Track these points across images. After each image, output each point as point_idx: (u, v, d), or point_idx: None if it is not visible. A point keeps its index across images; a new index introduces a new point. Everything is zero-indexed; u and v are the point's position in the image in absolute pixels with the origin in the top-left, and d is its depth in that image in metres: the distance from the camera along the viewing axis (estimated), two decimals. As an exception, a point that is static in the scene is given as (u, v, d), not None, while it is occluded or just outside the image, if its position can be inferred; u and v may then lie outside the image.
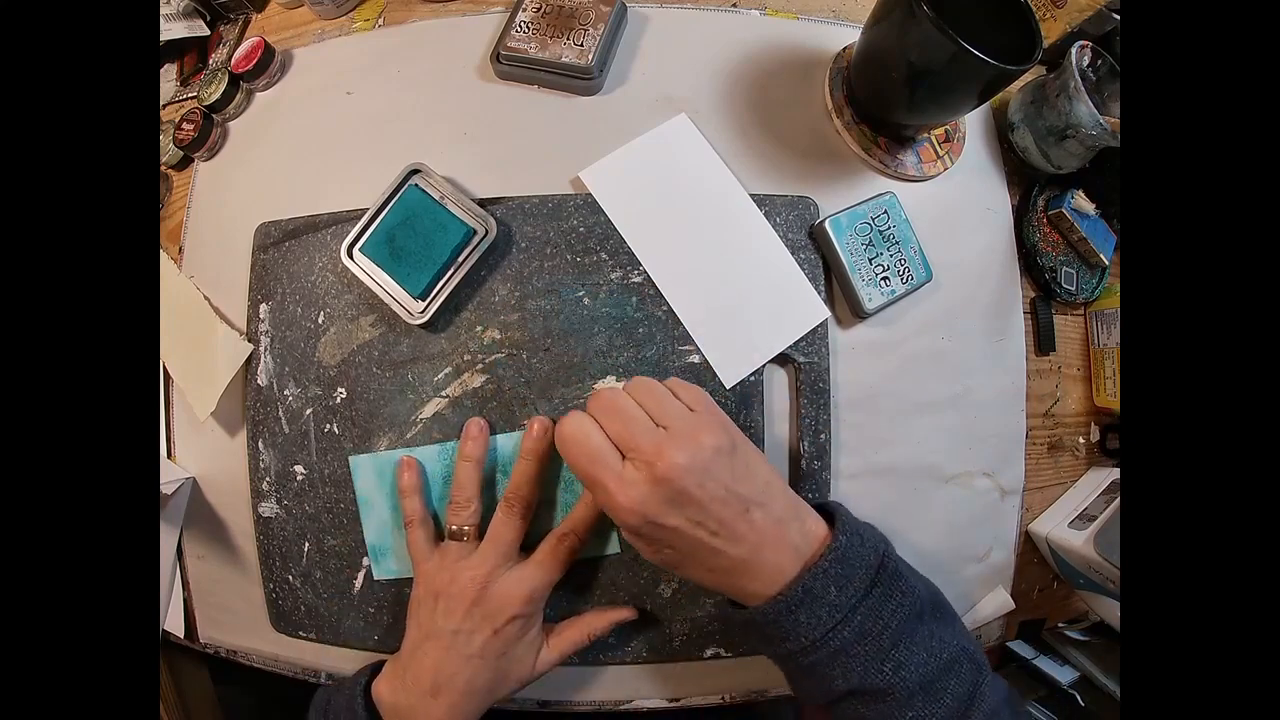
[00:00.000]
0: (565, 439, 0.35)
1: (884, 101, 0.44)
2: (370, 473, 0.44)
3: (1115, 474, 0.48)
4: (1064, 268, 0.49)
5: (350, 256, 0.44)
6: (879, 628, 0.32)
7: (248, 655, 0.50)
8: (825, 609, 0.32)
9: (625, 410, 0.34)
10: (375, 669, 0.41)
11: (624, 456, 0.33)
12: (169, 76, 0.57)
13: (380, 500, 0.44)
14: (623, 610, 0.43)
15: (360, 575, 0.45)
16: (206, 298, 0.49)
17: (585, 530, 0.40)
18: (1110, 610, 0.45)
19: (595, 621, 0.42)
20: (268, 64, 0.51)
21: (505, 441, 0.43)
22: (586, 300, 0.44)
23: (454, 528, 0.40)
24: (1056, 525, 0.47)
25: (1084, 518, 0.45)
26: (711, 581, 0.35)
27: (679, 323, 0.44)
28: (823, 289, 0.45)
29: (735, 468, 0.33)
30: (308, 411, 0.45)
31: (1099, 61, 0.46)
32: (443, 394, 0.44)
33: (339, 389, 0.45)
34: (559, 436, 0.35)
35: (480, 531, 0.40)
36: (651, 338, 0.44)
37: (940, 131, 0.49)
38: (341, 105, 0.50)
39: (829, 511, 0.37)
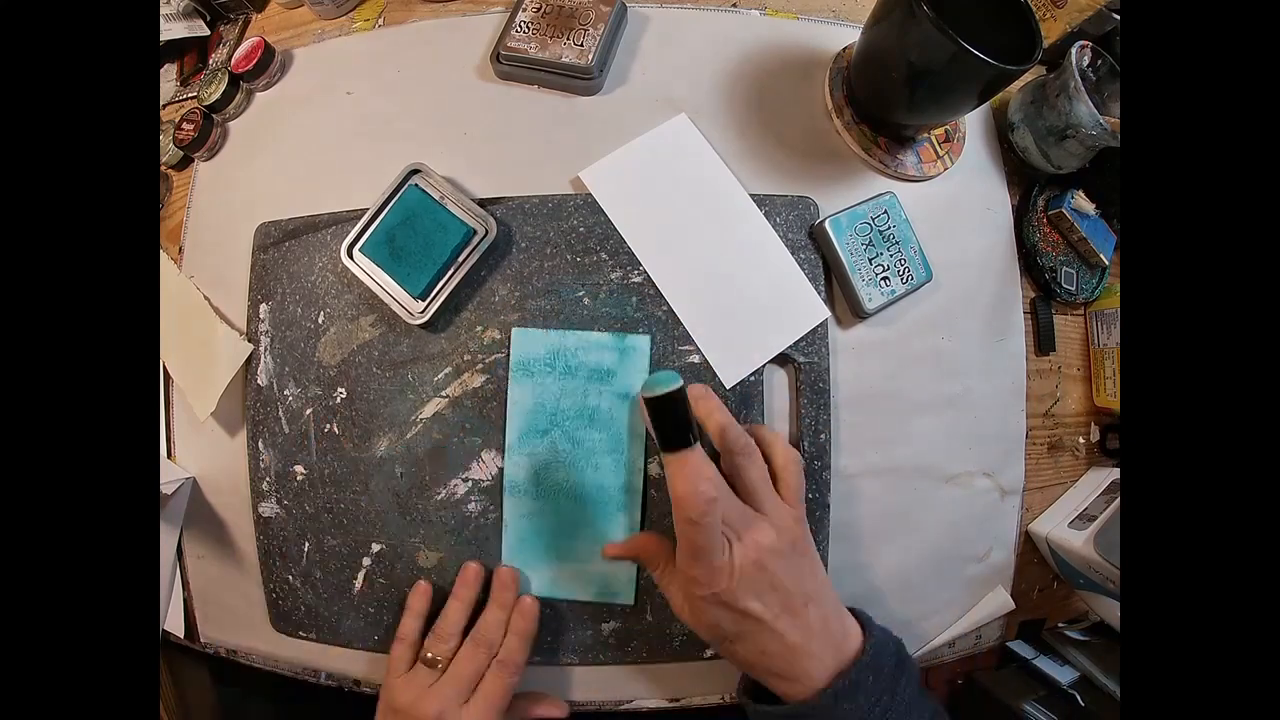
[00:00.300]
0: (702, 500, 0.34)
1: (884, 101, 0.44)
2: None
3: (1115, 474, 0.48)
4: (1064, 268, 0.49)
5: (350, 256, 0.44)
6: (901, 704, 0.35)
7: (248, 655, 0.50)
8: (864, 696, 0.34)
9: (714, 480, 0.35)
10: None
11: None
12: (169, 76, 0.57)
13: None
14: (555, 707, 0.44)
15: (360, 575, 0.45)
16: (206, 298, 0.49)
17: (521, 657, 0.41)
18: (1110, 610, 0.45)
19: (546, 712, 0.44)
20: (268, 64, 0.51)
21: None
22: (586, 300, 0.44)
23: (429, 655, 0.41)
24: (1056, 525, 0.47)
25: (1084, 518, 0.45)
26: (758, 662, 0.36)
27: (679, 322, 0.44)
28: (823, 289, 0.45)
29: (802, 563, 0.36)
30: (308, 411, 0.45)
31: (1099, 61, 0.46)
32: (443, 394, 0.44)
33: (339, 389, 0.45)
34: (694, 496, 0.33)
35: (450, 662, 0.41)
36: (652, 338, 0.44)
37: (940, 131, 0.49)
38: (341, 105, 0.50)
39: (855, 612, 0.39)
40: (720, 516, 0.34)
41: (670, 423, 0.34)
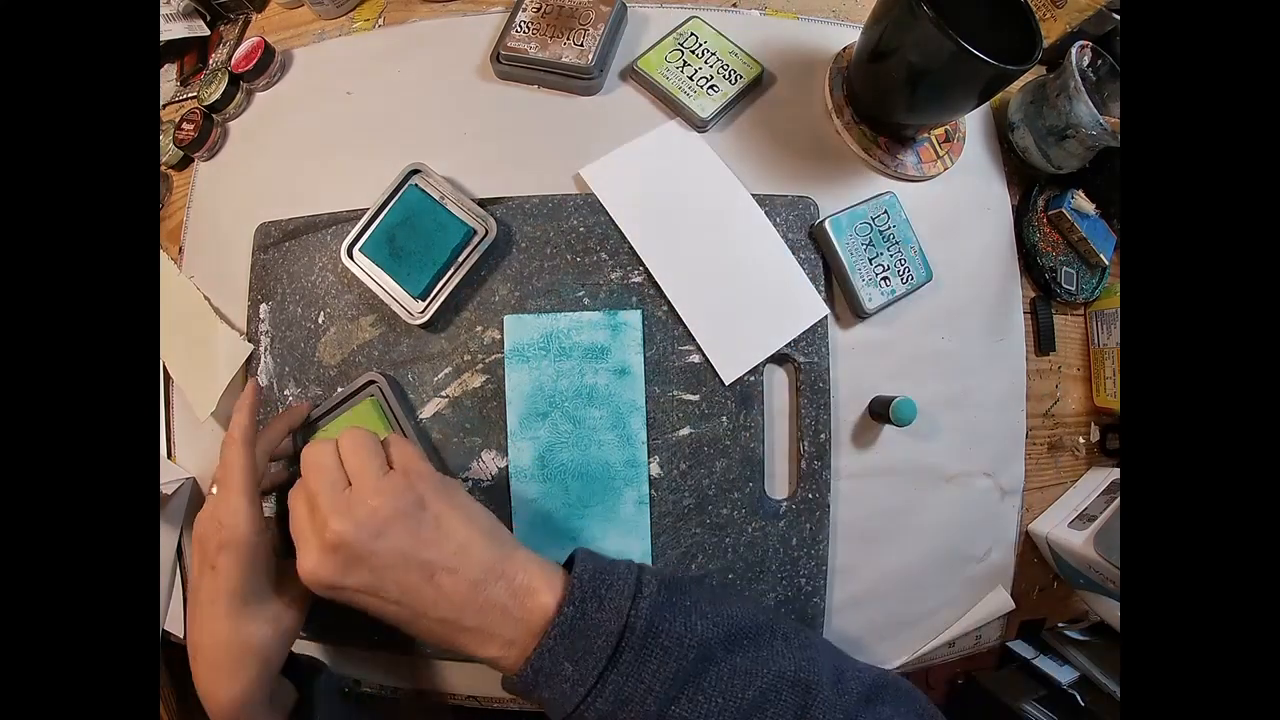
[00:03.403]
0: (289, 506, 0.34)
1: (884, 101, 0.44)
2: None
3: (1115, 474, 0.48)
4: (1064, 268, 0.49)
5: (350, 256, 0.44)
6: (642, 690, 0.30)
7: (248, 655, 0.50)
8: (567, 684, 0.30)
9: (320, 467, 0.33)
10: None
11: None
12: (169, 76, 0.57)
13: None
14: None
15: (360, 575, 0.45)
16: (206, 298, 0.49)
17: (247, 427, 0.38)
18: (1110, 610, 0.45)
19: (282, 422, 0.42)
20: (268, 64, 0.51)
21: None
22: (586, 300, 0.44)
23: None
24: (1056, 525, 0.47)
25: (1084, 518, 0.45)
26: (436, 643, 0.32)
27: (679, 322, 0.44)
28: (823, 289, 0.45)
29: (418, 531, 0.32)
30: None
31: (1099, 61, 0.46)
32: (442, 394, 0.44)
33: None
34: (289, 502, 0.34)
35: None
36: (651, 337, 0.44)
37: (940, 131, 0.49)
38: (341, 105, 0.50)
39: (570, 565, 0.34)
40: (296, 514, 0.33)
41: None
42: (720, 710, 0.30)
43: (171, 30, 0.54)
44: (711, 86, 0.46)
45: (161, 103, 0.55)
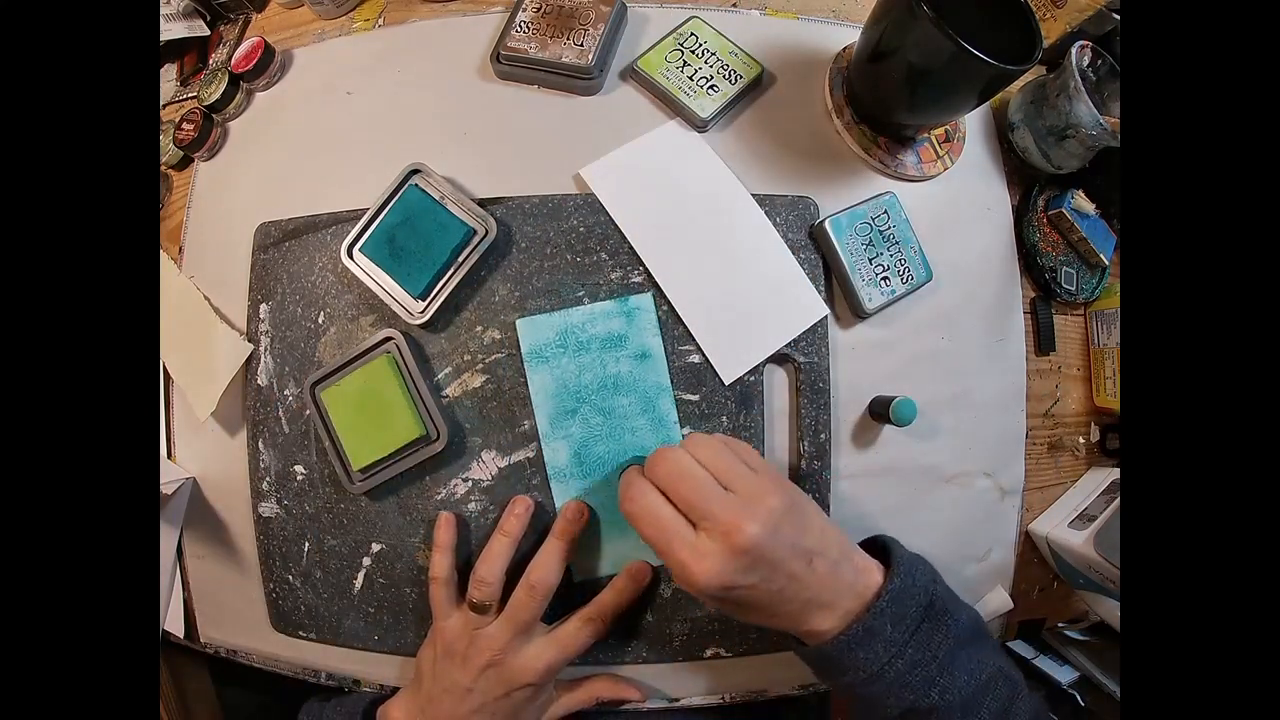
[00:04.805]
0: (636, 517, 0.35)
1: (884, 101, 0.44)
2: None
3: (1115, 474, 0.48)
4: (1064, 268, 0.49)
5: (350, 256, 0.44)
6: (928, 657, 0.35)
7: (248, 655, 0.50)
8: (881, 645, 0.34)
9: (692, 476, 0.34)
10: (377, 697, 0.43)
11: (695, 524, 0.34)
12: (169, 76, 0.57)
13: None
14: (634, 691, 0.44)
15: (360, 575, 0.45)
16: (206, 298, 0.49)
17: (612, 616, 0.41)
18: (1110, 610, 0.45)
19: (604, 691, 0.44)
20: (268, 64, 0.51)
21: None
22: (586, 300, 0.44)
23: (476, 600, 0.40)
24: (1056, 525, 0.47)
25: (1084, 518, 0.45)
26: (774, 625, 0.36)
27: (679, 322, 0.44)
28: (823, 289, 0.45)
29: (797, 522, 0.35)
30: (308, 411, 0.45)
31: (1099, 61, 0.46)
32: (442, 394, 0.44)
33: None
34: (629, 514, 0.35)
35: (501, 606, 0.40)
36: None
37: (940, 131, 0.49)
38: (341, 105, 0.50)
39: (882, 545, 0.39)
40: (668, 525, 0.34)
41: None
42: (964, 686, 0.35)
43: (171, 30, 0.54)
44: (711, 86, 0.46)
45: (161, 103, 0.55)
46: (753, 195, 0.45)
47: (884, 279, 0.45)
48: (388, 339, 0.43)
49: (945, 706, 0.34)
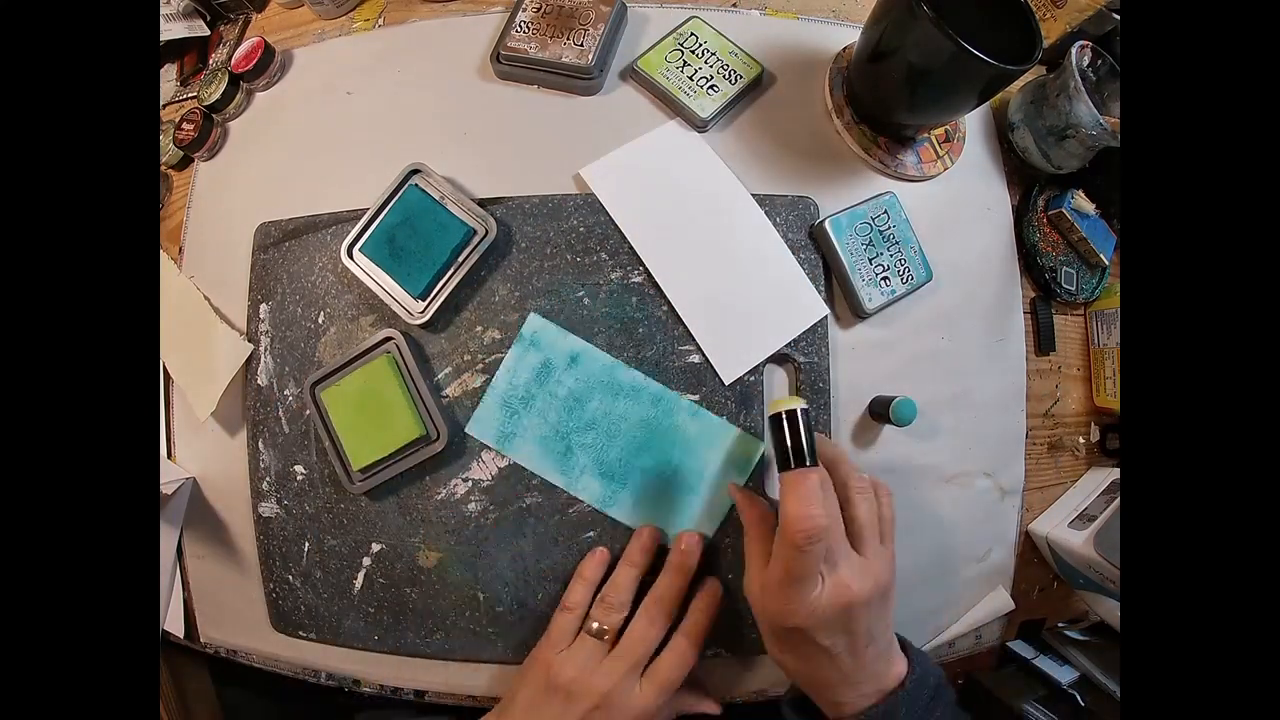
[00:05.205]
0: (813, 523, 0.33)
1: (884, 101, 0.44)
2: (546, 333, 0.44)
3: (1115, 474, 0.48)
4: (1064, 268, 0.49)
5: (350, 256, 0.44)
6: None
7: (248, 655, 0.50)
8: None
9: (834, 518, 0.35)
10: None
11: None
12: (169, 76, 0.57)
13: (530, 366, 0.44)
14: (713, 704, 0.43)
15: (360, 575, 0.45)
16: (206, 298, 0.49)
17: (704, 636, 0.41)
18: (1110, 610, 0.45)
19: (689, 704, 0.42)
20: (268, 64, 0.51)
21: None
22: (586, 300, 0.44)
23: (595, 625, 0.39)
24: (1056, 525, 0.47)
25: (1084, 518, 0.45)
26: (805, 682, 0.37)
27: (679, 322, 0.44)
28: (823, 289, 0.45)
29: (884, 610, 0.36)
30: (307, 412, 0.45)
31: (1099, 61, 0.46)
32: (442, 394, 0.44)
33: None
34: (804, 519, 0.33)
35: (618, 635, 0.39)
36: (651, 338, 0.44)
37: (940, 131, 0.49)
38: (341, 105, 0.50)
39: (903, 642, 0.39)
40: (824, 548, 0.33)
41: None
42: None
43: (171, 30, 0.54)
44: (711, 86, 0.46)
45: (161, 103, 0.55)
46: (753, 195, 0.45)
47: (884, 279, 0.45)
48: (387, 339, 0.43)
49: None
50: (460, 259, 0.43)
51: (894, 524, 0.38)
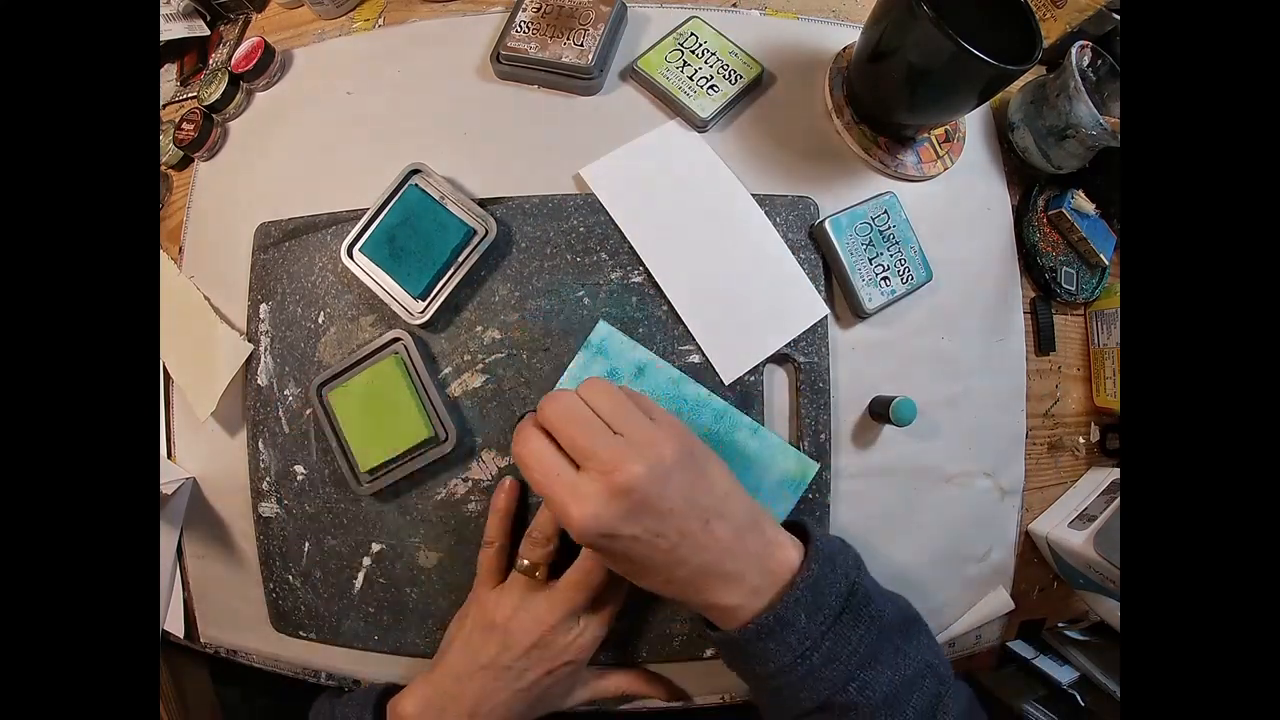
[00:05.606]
0: (521, 459, 0.33)
1: (884, 101, 0.44)
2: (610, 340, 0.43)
3: (1115, 474, 0.48)
4: (1064, 268, 0.49)
5: (350, 256, 0.44)
6: (847, 652, 0.32)
7: (248, 655, 0.50)
8: (795, 636, 0.32)
9: (580, 417, 0.32)
10: (388, 688, 0.41)
11: (578, 466, 0.32)
12: (169, 76, 0.57)
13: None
14: (664, 690, 0.44)
15: (360, 575, 0.45)
16: (206, 298, 0.49)
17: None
18: (1110, 610, 0.45)
19: (634, 686, 0.43)
20: (268, 64, 0.51)
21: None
22: (586, 300, 0.44)
23: (525, 562, 0.38)
24: (1056, 525, 0.47)
25: (1084, 518, 0.45)
26: (671, 593, 0.34)
27: (679, 322, 0.44)
28: (823, 289, 0.45)
29: (694, 478, 0.33)
30: (308, 411, 0.45)
31: (1099, 61, 0.46)
32: (443, 395, 0.44)
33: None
34: (516, 458, 0.33)
35: (551, 572, 0.39)
36: (651, 338, 0.44)
37: (940, 131, 0.49)
38: (341, 105, 0.50)
39: (803, 529, 0.36)
40: (548, 465, 0.31)
41: None
42: (887, 682, 0.32)
43: (171, 30, 0.54)
44: (711, 86, 0.46)
45: (161, 103, 0.55)
46: (753, 195, 0.45)
47: (884, 279, 0.45)
48: (395, 340, 0.43)
49: (865, 703, 0.32)
50: (460, 259, 0.43)
51: (648, 399, 0.35)
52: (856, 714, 0.32)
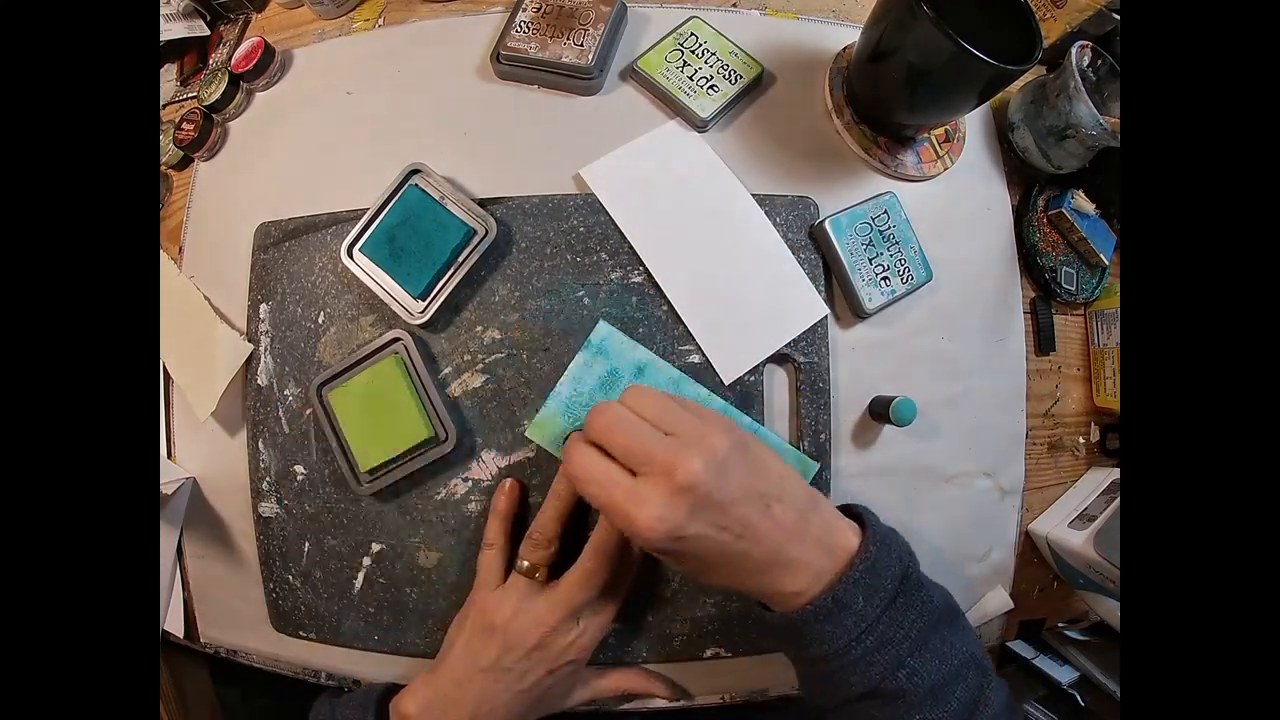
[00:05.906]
0: (576, 478, 0.33)
1: (884, 101, 0.44)
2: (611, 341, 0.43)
3: (1115, 474, 0.48)
4: (1064, 268, 0.49)
5: (350, 256, 0.44)
6: (899, 636, 0.32)
7: (248, 655, 0.50)
8: (852, 619, 0.32)
9: (629, 423, 0.32)
10: (388, 688, 0.41)
11: (634, 473, 0.32)
12: (169, 76, 0.57)
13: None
14: (664, 689, 0.44)
15: (360, 575, 0.45)
16: (206, 298, 0.49)
17: (611, 551, 0.38)
18: (1110, 610, 0.45)
19: (634, 685, 0.43)
20: (268, 64, 0.51)
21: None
22: (586, 300, 0.44)
23: (526, 564, 0.38)
24: (1056, 525, 0.47)
25: (1084, 518, 0.45)
26: (739, 584, 0.33)
27: (679, 322, 0.44)
28: (823, 289, 0.45)
29: (750, 465, 0.33)
30: (308, 411, 0.45)
31: (1099, 61, 0.46)
32: (443, 395, 0.44)
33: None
34: (571, 479, 0.33)
35: (551, 573, 0.39)
36: (651, 337, 0.44)
37: (940, 131, 0.49)
38: (341, 105, 0.50)
39: (856, 514, 0.37)
40: (603, 476, 0.32)
41: None
42: (934, 671, 0.32)
43: (171, 30, 0.54)
44: (711, 86, 0.46)
45: (161, 103, 0.55)
46: (753, 195, 0.45)
47: (884, 279, 0.45)
48: (395, 339, 0.43)
49: (913, 692, 0.32)
50: (460, 259, 0.43)
51: (687, 399, 0.35)
52: (904, 702, 0.32)
